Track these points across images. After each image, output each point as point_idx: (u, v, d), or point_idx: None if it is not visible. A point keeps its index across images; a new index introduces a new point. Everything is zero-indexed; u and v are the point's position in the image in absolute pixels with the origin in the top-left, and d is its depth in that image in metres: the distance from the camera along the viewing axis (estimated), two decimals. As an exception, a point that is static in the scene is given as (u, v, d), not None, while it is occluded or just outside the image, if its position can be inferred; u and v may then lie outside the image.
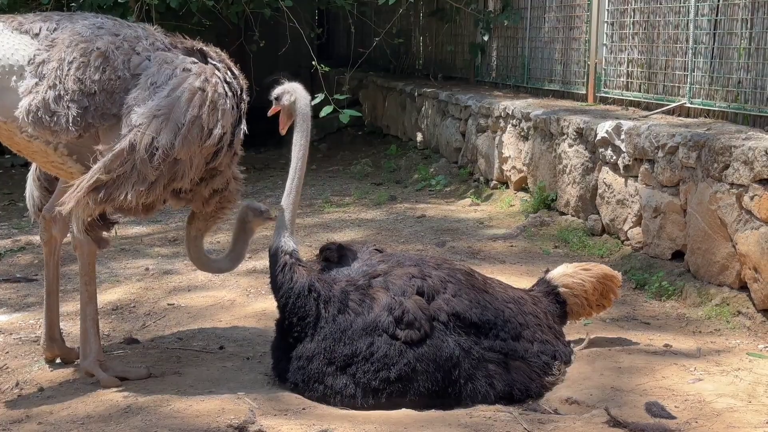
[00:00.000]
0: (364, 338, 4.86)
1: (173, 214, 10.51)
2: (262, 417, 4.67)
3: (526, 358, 5.09)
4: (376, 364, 4.82)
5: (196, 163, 5.01)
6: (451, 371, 4.87)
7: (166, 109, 4.87)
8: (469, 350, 4.93)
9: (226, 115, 5.06)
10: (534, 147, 9.88)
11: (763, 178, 6.04)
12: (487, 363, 4.96)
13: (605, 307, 5.80)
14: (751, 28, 7.33)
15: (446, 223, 9.43)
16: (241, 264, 7.92)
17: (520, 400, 4.97)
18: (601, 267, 5.80)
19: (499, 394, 4.94)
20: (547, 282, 5.70)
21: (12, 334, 6.27)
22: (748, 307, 6.22)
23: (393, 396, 4.83)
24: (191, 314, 6.61)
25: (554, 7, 11.29)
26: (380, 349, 4.83)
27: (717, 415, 4.65)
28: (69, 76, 4.81)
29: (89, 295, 5.27)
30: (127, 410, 4.78)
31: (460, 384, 4.89)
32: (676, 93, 8.55)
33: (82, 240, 5.15)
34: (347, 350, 4.86)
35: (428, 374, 4.84)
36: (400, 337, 4.85)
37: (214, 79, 5.06)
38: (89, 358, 5.22)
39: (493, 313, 5.10)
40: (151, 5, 11.36)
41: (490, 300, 5.16)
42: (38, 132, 4.83)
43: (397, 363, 4.81)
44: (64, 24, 4.98)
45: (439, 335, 4.90)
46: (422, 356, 4.84)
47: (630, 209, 7.87)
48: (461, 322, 4.98)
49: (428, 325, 4.90)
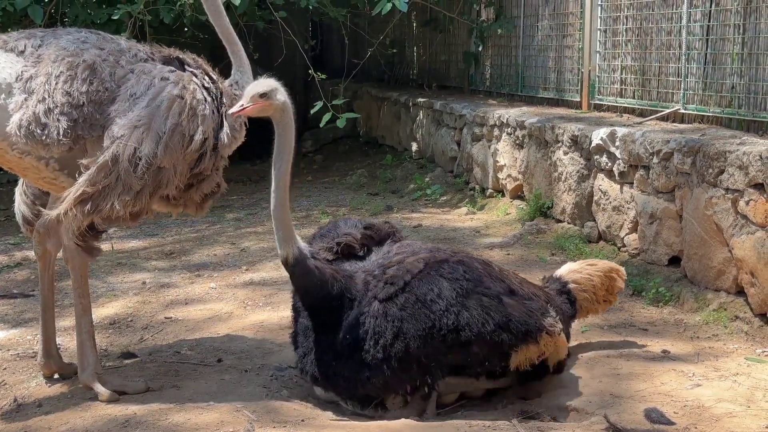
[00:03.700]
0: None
1: (169, 227, 10.51)
2: (261, 429, 4.66)
3: (525, 303, 5.09)
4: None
5: (180, 169, 5.08)
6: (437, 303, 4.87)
7: (146, 119, 4.95)
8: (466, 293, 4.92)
9: (206, 120, 5.13)
10: (529, 155, 9.89)
11: (758, 182, 6.05)
12: (482, 297, 4.93)
13: (611, 302, 5.87)
14: (744, 34, 7.35)
15: (443, 232, 9.44)
16: (238, 276, 7.99)
17: (518, 333, 4.93)
18: (606, 262, 5.86)
19: (497, 323, 4.88)
20: (557, 279, 5.74)
21: (9, 350, 6.25)
22: (746, 311, 6.22)
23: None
24: (189, 327, 6.61)
25: (547, 15, 11.31)
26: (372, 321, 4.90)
27: (716, 420, 4.65)
28: (57, 89, 4.88)
29: (83, 308, 5.28)
30: (125, 424, 4.77)
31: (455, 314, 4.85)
32: (670, 99, 8.57)
33: (73, 252, 5.18)
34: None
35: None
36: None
37: (192, 86, 5.13)
38: (87, 370, 5.22)
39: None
40: (145, 21, 11.38)
41: (512, 285, 5.17)
42: (30, 146, 4.88)
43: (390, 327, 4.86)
44: (49, 40, 5.06)
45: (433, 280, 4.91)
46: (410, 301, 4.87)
47: (626, 216, 7.88)
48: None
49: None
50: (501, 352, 4.94)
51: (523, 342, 4.96)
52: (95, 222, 5.11)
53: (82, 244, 5.16)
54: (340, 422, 4.83)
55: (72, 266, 5.23)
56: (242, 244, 9.36)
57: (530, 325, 4.98)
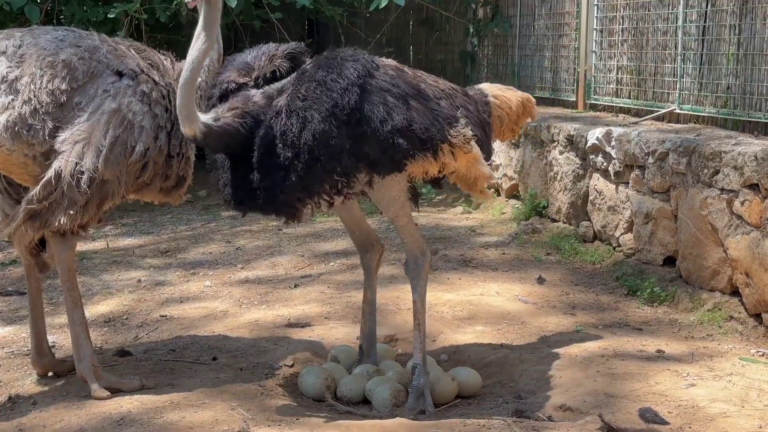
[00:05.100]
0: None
1: (165, 225, 10.51)
2: (256, 427, 4.66)
3: (430, 106, 4.90)
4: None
5: (124, 180, 5.13)
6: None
7: (86, 134, 4.97)
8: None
9: (144, 132, 5.13)
10: (525, 154, 9.90)
11: (753, 183, 6.07)
12: (386, 93, 4.75)
13: (516, 133, 5.98)
14: (740, 34, 7.37)
15: (438, 231, 9.44)
16: (233, 275, 7.98)
17: (422, 138, 4.77)
18: (523, 92, 5.91)
19: (396, 125, 4.69)
20: (480, 89, 5.67)
21: (4, 348, 6.25)
22: (740, 311, 6.24)
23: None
24: (184, 325, 6.60)
25: (543, 15, 11.32)
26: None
27: (710, 420, 4.65)
28: (42, 89, 4.91)
29: (74, 301, 5.29)
30: (120, 422, 4.77)
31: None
32: (666, 99, 8.58)
33: (57, 246, 5.21)
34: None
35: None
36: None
37: (126, 99, 5.10)
38: (84, 361, 5.23)
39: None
40: (141, 19, 11.37)
41: (423, 89, 5.01)
42: (17, 146, 4.94)
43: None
44: (28, 40, 5.06)
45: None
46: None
47: (621, 215, 7.89)
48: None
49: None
50: (394, 160, 4.78)
51: (421, 152, 4.80)
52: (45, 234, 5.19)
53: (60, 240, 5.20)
54: (334, 421, 4.83)
55: (57, 260, 5.25)
56: (237, 242, 9.36)
57: (431, 134, 4.80)
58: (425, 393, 5.13)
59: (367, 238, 5.71)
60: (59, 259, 5.24)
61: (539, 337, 6.18)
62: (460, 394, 5.38)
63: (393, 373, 5.47)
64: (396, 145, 4.72)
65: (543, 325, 6.42)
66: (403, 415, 4.95)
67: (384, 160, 4.77)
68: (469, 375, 5.47)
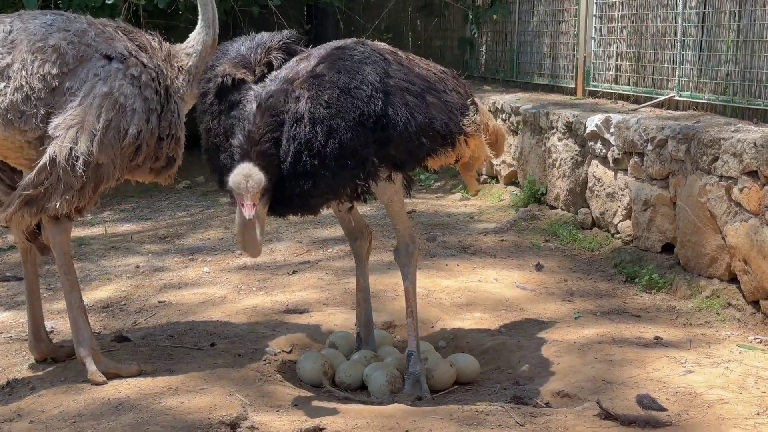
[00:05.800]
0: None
1: (163, 211, 10.50)
2: (255, 413, 4.67)
3: (443, 99, 4.97)
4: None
5: (119, 163, 5.14)
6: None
7: (79, 118, 4.96)
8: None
9: (136, 114, 5.13)
10: (524, 141, 9.89)
11: (752, 170, 6.06)
12: (405, 93, 4.80)
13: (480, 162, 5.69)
14: (739, 21, 7.35)
15: (437, 218, 9.44)
16: (232, 261, 7.97)
17: (443, 134, 4.86)
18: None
19: (419, 124, 4.76)
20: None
21: (2, 333, 6.25)
22: (738, 298, 6.24)
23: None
24: (182, 311, 6.60)
25: (543, 1, 11.30)
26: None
27: (708, 406, 4.66)
28: (33, 75, 4.90)
29: (71, 284, 5.29)
30: (118, 407, 4.77)
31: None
32: (665, 86, 8.57)
33: (52, 230, 5.21)
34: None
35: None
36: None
37: (117, 82, 5.09)
38: (83, 344, 5.23)
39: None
40: (139, 5, 11.34)
41: (433, 81, 5.05)
42: (9, 133, 4.94)
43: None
44: (17, 25, 5.05)
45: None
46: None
47: (620, 202, 7.89)
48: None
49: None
50: (418, 158, 4.91)
51: (442, 146, 4.91)
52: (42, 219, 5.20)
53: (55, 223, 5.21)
54: (333, 406, 4.83)
55: (53, 244, 5.25)
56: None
57: (450, 128, 4.90)
58: (421, 379, 5.15)
59: (357, 225, 5.71)
60: (54, 243, 5.24)
61: (537, 323, 6.19)
62: (458, 381, 5.39)
63: (391, 359, 5.48)
64: (420, 145, 4.81)
65: (541, 312, 6.42)
66: (401, 401, 4.97)
67: (409, 160, 4.89)
68: (468, 361, 5.48)
